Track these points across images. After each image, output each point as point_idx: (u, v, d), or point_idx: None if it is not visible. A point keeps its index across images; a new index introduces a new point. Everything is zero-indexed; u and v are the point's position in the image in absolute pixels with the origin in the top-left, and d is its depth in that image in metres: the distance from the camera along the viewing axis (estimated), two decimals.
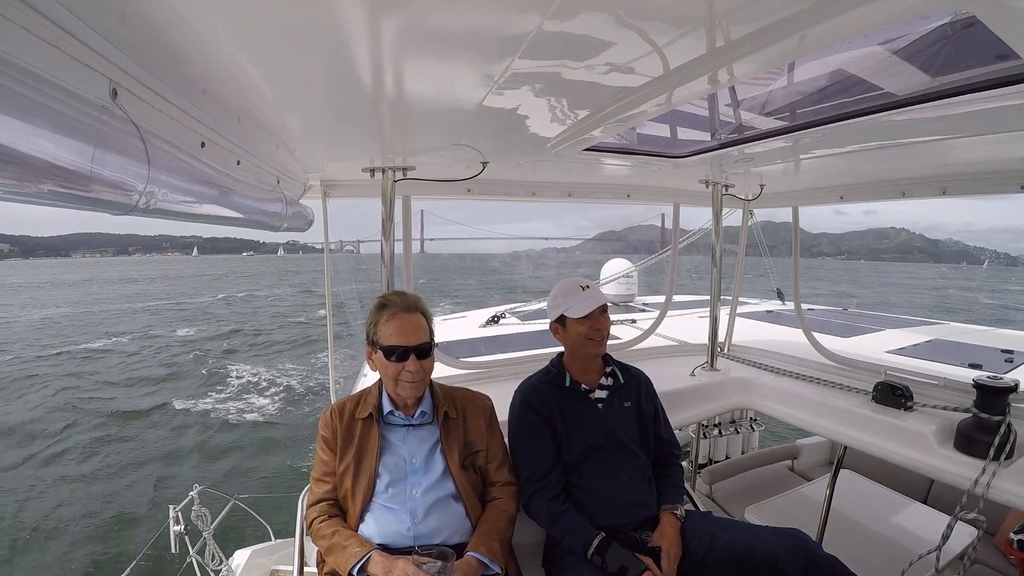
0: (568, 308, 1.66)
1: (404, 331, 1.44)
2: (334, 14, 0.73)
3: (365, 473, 1.46)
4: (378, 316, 1.48)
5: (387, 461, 1.48)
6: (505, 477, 1.61)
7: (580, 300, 1.66)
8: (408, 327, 1.45)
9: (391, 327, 1.44)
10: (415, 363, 1.43)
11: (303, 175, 2.03)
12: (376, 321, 1.48)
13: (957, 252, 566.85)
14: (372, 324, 1.49)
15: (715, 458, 4.06)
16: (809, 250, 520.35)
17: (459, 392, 1.65)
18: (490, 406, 1.67)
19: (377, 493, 1.46)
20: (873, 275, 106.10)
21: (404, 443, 1.51)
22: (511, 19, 0.76)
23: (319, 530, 1.45)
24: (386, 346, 1.44)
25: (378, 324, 1.47)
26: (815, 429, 2.24)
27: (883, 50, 1.02)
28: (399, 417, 1.52)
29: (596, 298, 1.67)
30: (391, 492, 1.46)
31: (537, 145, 1.64)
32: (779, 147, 1.72)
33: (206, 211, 1.00)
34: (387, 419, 1.53)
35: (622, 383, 1.76)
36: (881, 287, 64.75)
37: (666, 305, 3.24)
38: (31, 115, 0.50)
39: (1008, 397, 1.62)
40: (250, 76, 0.99)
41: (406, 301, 1.50)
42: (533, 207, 39.66)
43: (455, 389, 1.66)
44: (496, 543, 1.43)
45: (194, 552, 2.46)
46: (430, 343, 1.49)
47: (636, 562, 1.43)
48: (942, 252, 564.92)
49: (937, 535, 1.52)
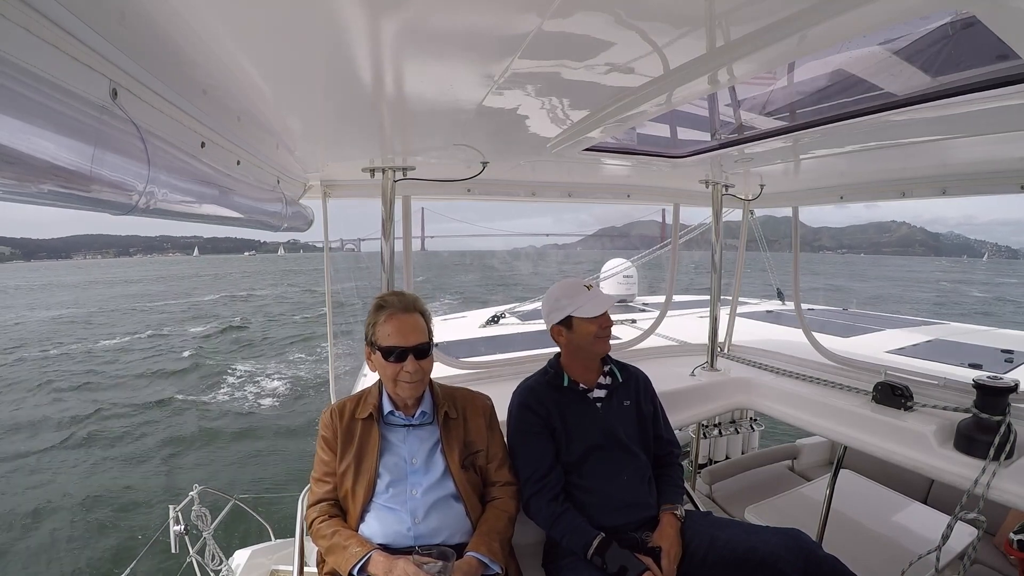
0: (577, 308, 1.65)
1: (402, 331, 1.44)
2: (334, 14, 0.73)
3: (366, 473, 1.46)
4: (376, 317, 1.48)
5: (387, 461, 1.48)
6: (505, 477, 1.61)
7: (588, 299, 1.66)
8: (406, 327, 1.45)
9: (389, 327, 1.44)
10: (413, 363, 1.43)
11: (303, 175, 2.03)
12: (374, 322, 1.48)
13: (958, 245, 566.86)
14: (370, 325, 1.49)
15: (715, 458, 4.06)
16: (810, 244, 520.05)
17: (459, 392, 1.65)
18: (490, 406, 1.67)
19: (377, 493, 1.46)
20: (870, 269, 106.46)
21: (404, 443, 1.51)
22: (511, 19, 0.77)
23: (319, 530, 1.45)
24: (384, 347, 1.44)
25: (376, 325, 1.47)
26: (815, 429, 2.24)
27: (883, 50, 1.02)
28: (399, 417, 1.52)
29: (604, 297, 1.70)
30: (391, 492, 1.45)
31: (537, 145, 1.64)
32: (779, 147, 1.72)
33: (206, 211, 1.00)
34: (387, 419, 1.53)
35: (621, 382, 1.76)
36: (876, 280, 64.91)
37: (666, 305, 3.24)
38: (31, 115, 0.50)
39: (1008, 397, 1.62)
40: (250, 76, 0.99)
41: (404, 301, 1.50)
42: (534, 203, 40.00)
43: (455, 389, 1.66)
44: (496, 543, 1.43)
45: (194, 552, 2.46)
46: (429, 343, 1.49)
47: (636, 562, 1.43)
48: (943, 246, 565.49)
49: (937, 535, 1.52)
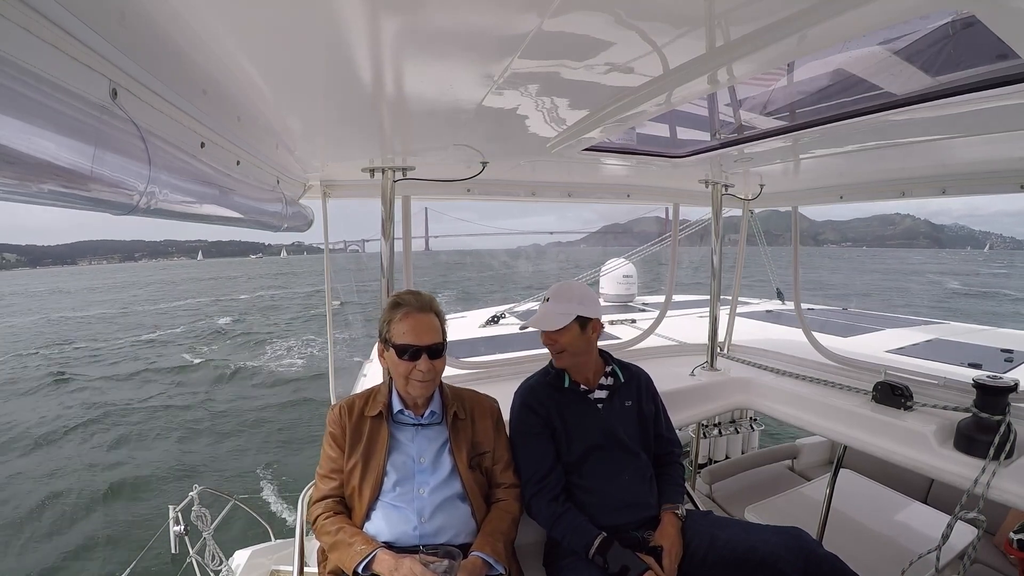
0: (529, 320, 1.72)
1: (417, 330, 1.44)
2: (334, 14, 0.73)
3: (373, 471, 1.46)
4: (392, 314, 1.48)
5: (395, 459, 1.48)
6: (510, 479, 1.62)
7: (537, 315, 1.71)
8: (421, 327, 1.45)
9: (404, 326, 1.44)
10: (427, 362, 1.44)
11: (303, 175, 2.03)
12: (390, 319, 1.47)
13: (962, 237, 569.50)
14: (385, 322, 1.49)
15: (715, 458, 4.07)
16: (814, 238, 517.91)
17: (466, 393, 1.66)
18: (497, 408, 1.68)
19: (384, 491, 1.46)
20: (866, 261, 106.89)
21: (413, 442, 1.51)
22: (511, 19, 0.76)
23: (323, 527, 1.45)
24: (399, 344, 1.44)
25: (391, 322, 1.47)
26: (815, 429, 2.24)
27: (883, 50, 1.02)
28: (409, 416, 1.52)
29: (543, 318, 1.67)
30: (398, 491, 1.45)
31: (537, 145, 1.64)
32: (779, 147, 1.72)
33: (206, 211, 1.00)
34: (396, 418, 1.53)
35: (623, 382, 1.76)
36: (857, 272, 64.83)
37: (666, 305, 3.24)
38: (31, 115, 0.50)
39: (1008, 397, 1.62)
40: (250, 76, 0.99)
41: (420, 301, 1.50)
42: (535, 202, 39.91)
43: (462, 390, 1.67)
44: (500, 544, 1.44)
45: (194, 552, 2.46)
46: (443, 343, 1.49)
47: (637, 562, 1.43)
48: (946, 237, 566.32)
49: (937, 534, 1.52)
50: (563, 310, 1.65)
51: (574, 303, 1.66)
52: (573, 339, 1.65)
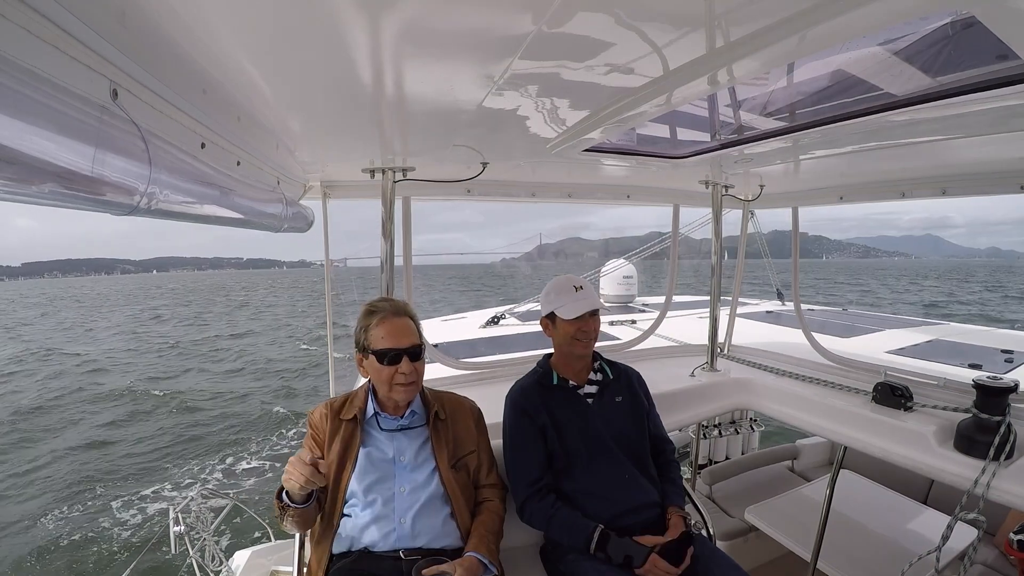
0: (559, 307, 1.66)
1: (395, 334, 1.44)
2: (334, 14, 0.73)
3: (347, 472, 1.46)
4: (367, 321, 1.47)
5: (372, 460, 1.47)
6: (493, 479, 1.63)
7: (571, 301, 1.66)
8: (399, 330, 1.45)
9: (382, 331, 1.44)
10: (408, 365, 1.43)
11: (303, 176, 2.03)
12: (366, 326, 1.47)
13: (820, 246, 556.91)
14: (362, 330, 1.48)
15: (715, 458, 4.06)
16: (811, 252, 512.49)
17: (446, 395, 1.66)
18: (477, 409, 1.68)
19: (360, 492, 1.45)
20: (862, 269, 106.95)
21: (392, 443, 1.51)
22: (511, 20, 0.77)
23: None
24: (378, 350, 1.43)
25: (368, 329, 1.46)
26: (815, 429, 2.24)
27: (883, 50, 1.02)
28: (387, 419, 1.52)
29: (587, 302, 1.65)
30: (376, 491, 1.44)
31: (537, 146, 1.64)
32: (779, 148, 1.72)
33: (207, 212, 1.00)
34: (372, 422, 1.52)
35: (611, 378, 1.76)
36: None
37: (666, 306, 3.24)
38: (32, 115, 0.50)
39: (1008, 397, 1.62)
40: (250, 76, 0.99)
41: (395, 306, 1.50)
42: (529, 208, 39.39)
43: (442, 392, 1.67)
44: (494, 544, 1.45)
45: (194, 552, 2.45)
46: (420, 345, 1.49)
47: (639, 548, 1.44)
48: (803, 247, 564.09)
49: (937, 535, 1.51)
50: (597, 298, 1.70)
51: (596, 295, 1.72)
52: (599, 326, 1.71)
